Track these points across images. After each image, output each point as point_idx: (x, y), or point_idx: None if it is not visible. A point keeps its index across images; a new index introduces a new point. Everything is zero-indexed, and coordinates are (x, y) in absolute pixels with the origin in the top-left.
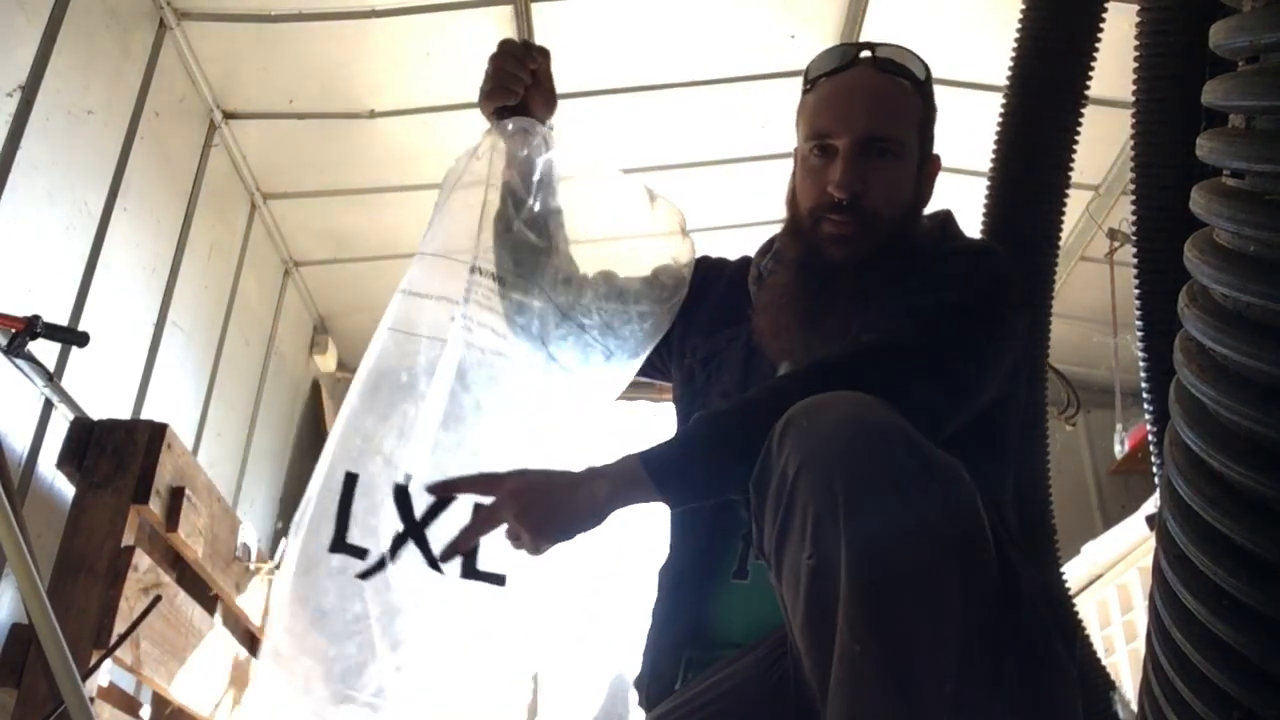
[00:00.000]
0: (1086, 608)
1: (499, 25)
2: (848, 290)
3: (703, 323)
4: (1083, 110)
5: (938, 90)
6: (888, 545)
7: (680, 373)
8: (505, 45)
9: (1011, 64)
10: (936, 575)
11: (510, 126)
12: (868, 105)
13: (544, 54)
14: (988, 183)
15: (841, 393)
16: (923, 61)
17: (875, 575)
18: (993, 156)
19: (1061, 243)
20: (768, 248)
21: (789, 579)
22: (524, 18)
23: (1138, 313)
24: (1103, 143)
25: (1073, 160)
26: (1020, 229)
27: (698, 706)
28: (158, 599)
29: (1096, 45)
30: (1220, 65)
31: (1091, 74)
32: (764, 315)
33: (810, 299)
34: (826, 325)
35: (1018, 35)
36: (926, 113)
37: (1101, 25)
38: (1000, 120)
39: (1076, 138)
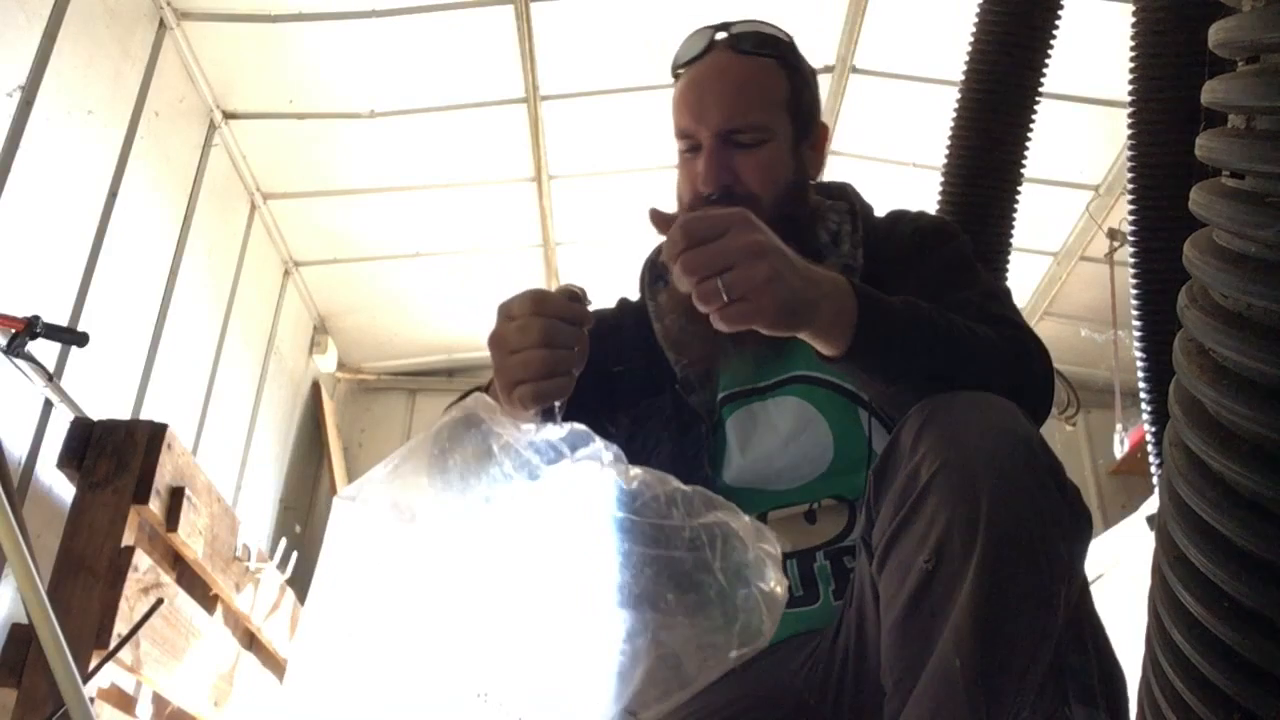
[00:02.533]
0: None
1: (499, 25)
2: None
3: (626, 388)
4: (1038, 101)
5: (936, 90)
6: (1021, 571)
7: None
8: (545, 300)
9: (968, 56)
10: (1051, 611)
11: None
12: (724, 96)
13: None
14: (942, 173)
15: (981, 395)
16: (782, 33)
17: (1001, 599)
18: (948, 147)
19: (1061, 243)
20: (654, 257)
21: (893, 575)
22: (524, 18)
23: (1135, 313)
24: (1103, 143)
25: (1026, 151)
26: (975, 218)
27: (710, 713)
28: (159, 602)
29: (1053, 37)
30: (1220, 65)
31: (1047, 65)
32: (673, 321)
33: None
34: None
35: (975, 27)
36: (794, 84)
37: (1059, 18)
38: (956, 111)
39: (1031, 128)
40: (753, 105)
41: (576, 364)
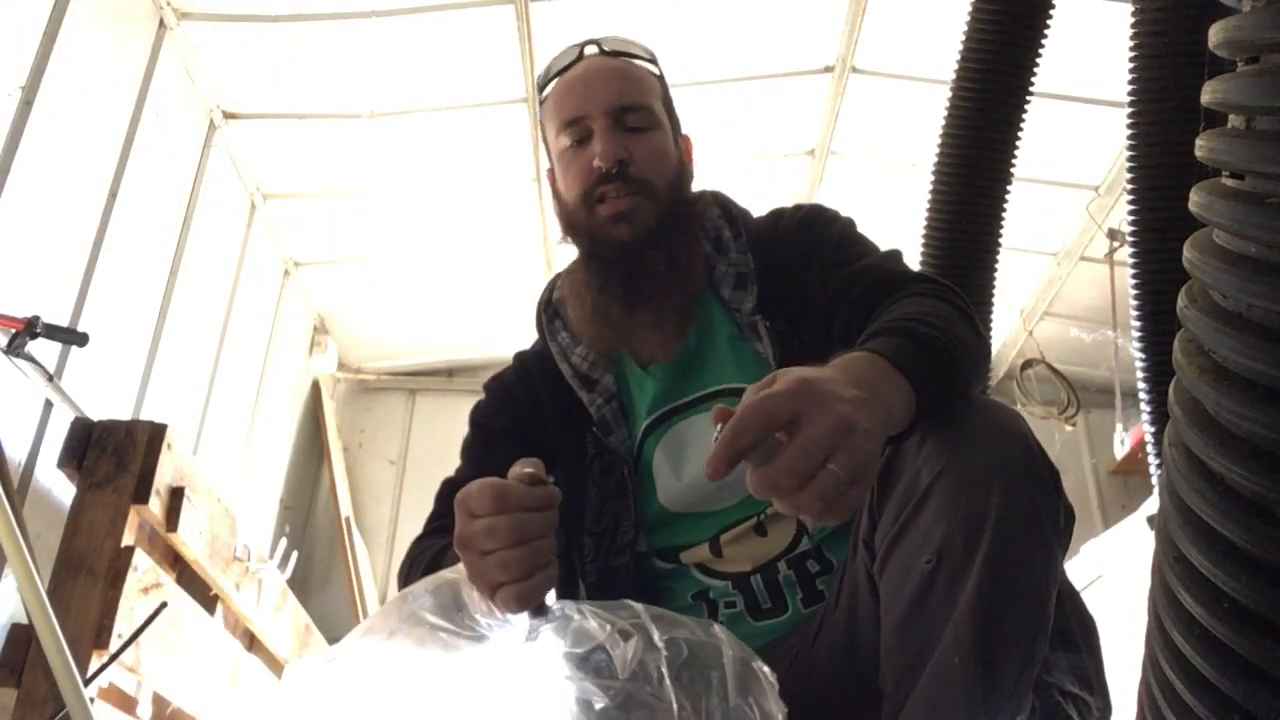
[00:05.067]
0: None
1: (499, 25)
2: (655, 263)
3: (556, 445)
4: (1029, 100)
5: (936, 91)
6: (1023, 571)
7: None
8: (506, 496)
9: (959, 57)
10: (1046, 611)
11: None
12: (609, 80)
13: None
14: (932, 175)
15: (980, 399)
16: (648, 49)
17: (1003, 598)
18: (939, 146)
19: (1061, 243)
20: (548, 297)
21: (894, 576)
22: (524, 18)
23: (1135, 313)
24: (1103, 143)
25: (1017, 149)
26: (964, 219)
27: None
28: (163, 605)
29: (1045, 36)
30: (1220, 65)
31: (1039, 64)
32: (585, 320)
33: (622, 282)
34: (657, 302)
35: (967, 26)
36: (664, 91)
37: (1051, 17)
38: (947, 110)
39: (1022, 126)
40: (637, 89)
41: (555, 551)
